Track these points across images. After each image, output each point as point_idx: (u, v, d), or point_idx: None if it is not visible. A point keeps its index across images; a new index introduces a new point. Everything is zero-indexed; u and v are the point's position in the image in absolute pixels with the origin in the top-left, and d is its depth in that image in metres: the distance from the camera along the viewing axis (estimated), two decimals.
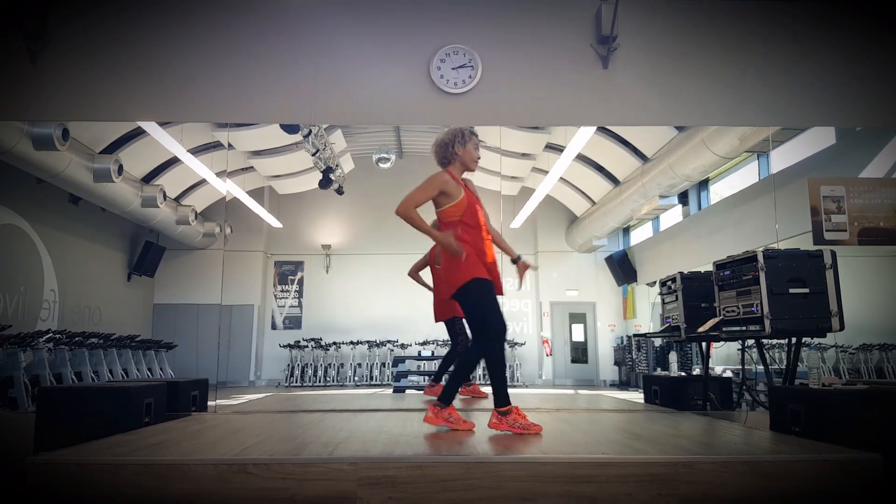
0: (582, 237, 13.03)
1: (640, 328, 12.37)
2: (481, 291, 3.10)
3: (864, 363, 7.01)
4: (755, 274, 3.71)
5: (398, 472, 2.21)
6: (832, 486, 2.25)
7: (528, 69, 4.84)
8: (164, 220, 11.24)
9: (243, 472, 2.19)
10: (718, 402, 4.64)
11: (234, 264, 13.17)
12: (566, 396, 6.64)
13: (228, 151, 10.47)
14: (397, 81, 4.81)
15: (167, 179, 10.76)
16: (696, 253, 9.41)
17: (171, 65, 4.75)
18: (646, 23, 4.89)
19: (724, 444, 2.79)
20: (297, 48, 4.82)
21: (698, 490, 2.22)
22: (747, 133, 6.96)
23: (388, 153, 11.24)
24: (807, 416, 2.97)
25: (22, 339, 7.23)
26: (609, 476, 2.22)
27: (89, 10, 4.78)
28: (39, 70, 4.68)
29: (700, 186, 10.32)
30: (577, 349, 13.64)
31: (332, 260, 13.70)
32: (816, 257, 3.69)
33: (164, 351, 11.06)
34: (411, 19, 4.92)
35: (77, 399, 3.47)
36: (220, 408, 4.66)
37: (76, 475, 2.19)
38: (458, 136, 3.27)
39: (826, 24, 4.90)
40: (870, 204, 4.78)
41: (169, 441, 2.73)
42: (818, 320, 3.61)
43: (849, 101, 4.83)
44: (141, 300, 12.65)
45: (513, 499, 2.19)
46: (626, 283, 13.05)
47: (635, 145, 9.83)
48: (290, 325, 13.54)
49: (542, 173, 10.76)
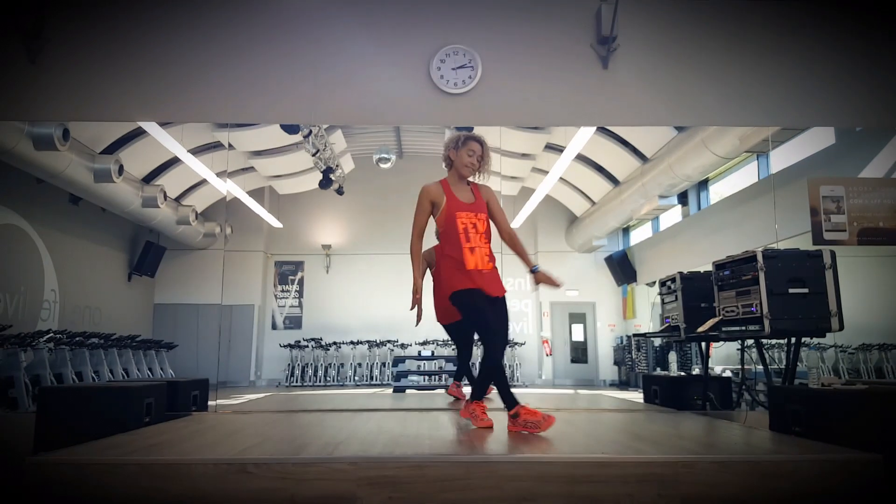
0: (582, 237, 13.03)
1: (639, 328, 12.37)
2: (463, 302, 3.17)
3: (864, 363, 7.00)
4: (755, 274, 3.71)
5: (398, 472, 2.21)
6: (832, 486, 2.25)
7: (528, 69, 4.84)
8: (165, 221, 11.25)
9: (243, 472, 2.19)
10: (718, 401, 4.64)
11: (234, 264, 13.17)
12: (566, 396, 6.65)
13: (229, 152, 10.46)
14: (397, 82, 4.81)
15: (167, 179, 10.76)
16: (695, 253, 9.41)
17: (171, 65, 4.76)
18: (646, 23, 4.89)
19: (725, 444, 2.79)
20: (298, 49, 4.83)
21: (698, 490, 2.22)
22: (747, 133, 6.95)
23: (388, 153, 11.24)
24: (806, 416, 2.97)
25: (22, 339, 7.22)
26: (609, 476, 2.22)
27: (88, 9, 4.78)
28: (39, 70, 4.67)
29: (700, 186, 10.33)
30: (576, 349, 13.64)
31: (332, 260, 13.70)
32: (816, 257, 3.69)
33: (164, 351, 11.06)
34: (411, 19, 4.92)
35: (77, 399, 3.48)
36: (221, 408, 4.66)
37: (76, 475, 2.19)
38: (453, 141, 3.31)
39: (826, 24, 4.90)
40: (869, 204, 4.78)
41: (169, 441, 2.73)
42: (817, 320, 3.61)
43: (848, 102, 4.83)
44: (141, 300, 12.65)
45: (513, 499, 2.19)
46: (625, 283, 13.05)
47: (635, 145, 9.83)
48: (290, 325, 13.54)
49: (542, 173, 10.76)
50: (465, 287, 3.13)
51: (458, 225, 3.18)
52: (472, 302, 3.14)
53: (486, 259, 3.21)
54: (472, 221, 3.23)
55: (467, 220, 3.21)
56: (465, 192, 3.32)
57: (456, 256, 3.17)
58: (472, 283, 3.13)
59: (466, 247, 3.17)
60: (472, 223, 3.22)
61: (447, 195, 3.24)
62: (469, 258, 3.16)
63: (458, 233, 3.18)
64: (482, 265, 3.18)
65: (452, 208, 3.21)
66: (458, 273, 3.16)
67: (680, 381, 4.76)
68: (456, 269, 3.17)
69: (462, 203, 3.26)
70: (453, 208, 3.21)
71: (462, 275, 3.15)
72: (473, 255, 3.17)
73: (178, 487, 2.18)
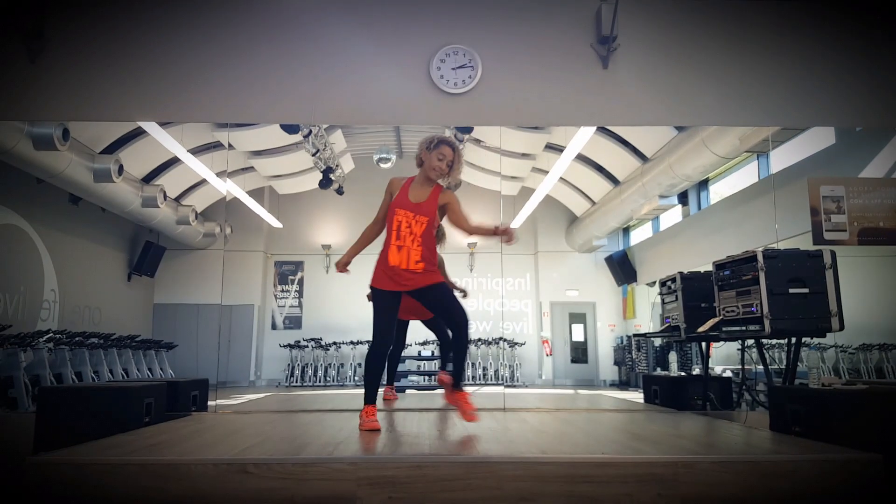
0: (582, 237, 13.03)
1: (640, 328, 12.37)
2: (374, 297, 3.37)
3: (864, 363, 7.00)
4: (755, 274, 3.71)
5: (398, 472, 2.21)
6: (832, 486, 2.25)
7: (528, 69, 4.84)
8: (165, 220, 11.26)
9: (243, 472, 2.19)
10: (718, 402, 4.65)
11: (234, 264, 13.17)
12: (566, 396, 6.65)
13: (228, 152, 10.45)
14: (397, 82, 4.81)
15: (167, 179, 10.77)
16: (695, 253, 9.41)
17: (171, 65, 4.76)
18: (646, 23, 4.89)
19: (725, 444, 2.79)
20: (298, 49, 4.83)
21: (698, 490, 2.22)
22: (747, 133, 6.94)
23: (388, 153, 11.24)
24: (807, 416, 2.97)
25: (22, 339, 7.22)
26: (609, 476, 2.22)
27: (88, 9, 4.78)
28: (39, 70, 4.67)
29: (700, 186, 10.33)
30: (577, 349, 13.65)
31: (332, 260, 13.70)
32: (816, 257, 3.69)
33: (164, 351, 11.06)
34: (411, 19, 4.92)
35: (77, 399, 3.48)
36: (220, 408, 4.66)
37: (76, 475, 2.19)
38: (426, 142, 3.37)
39: (826, 24, 4.90)
40: (869, 204, 4.77)
41: (169, 441, 2.73)
42: (818, 320, 3.61)
43: (848, 102, 4.83)
44: (141, 300, 12.66)
45: (513, 499, 2.19)
46: (625, 283, 13.05)
47: (635, 145, 9.83)
48: (290, 325, 13.55)
49: (542, 173, 10.76)
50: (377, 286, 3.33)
51: (394, 221, 3.30)
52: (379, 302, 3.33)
53: (414, 261, 3.27)
54: (409, 221, 3.29)
55: (403, 219, 3.29)
56: (420, 193, 3.36)
57: (384, 251, 3.34)
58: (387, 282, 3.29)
59: (395, 244, 3.28)
60: (407, 222, 3.29)
61: (399, 191, 3.37)
62: (394, 255, 3.28)
63: (392, 229, 3.31)
64: (407, 265, 3.27)
65: (394, 204, 3.34)
66: (380, 267, 3.33)
67: (680, 382, 4.76)
68: (380, 263, 3.35)
69: (407, 201, 3.33)
70: (394, 204, 3.33)
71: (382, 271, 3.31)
72: (399, 254, 3.27)
73: (177, 487, 2.18)
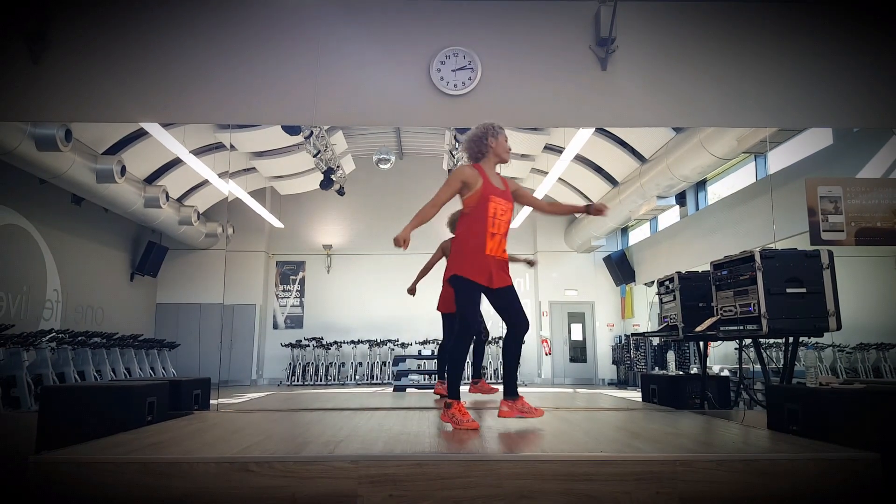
0: (581, 237, 13.05)
1: (638, 328, 12.39)
2: (460, 288, 3.23)
3: (862, 362, 7.02)
4: (752, 274, 3.72)
5: (398, 471, 2.23)
6: (830, 484, 2.26)
7: (528, 71, 4.86)
8: (167, 221, 11.27)
9: (245, 471, 2.21)
10: (716, 400, 4.66)
11: (236, 264, 13.20)
12: (565, 395, 6.66)
13: (230, 152, 10.49)
14: (398, 83, 4.83)
15: (170, 180, 10.79)
16: (693, 253, 9.43)
17: (173, 66, 4.78)
18: (644, 25, 4.92)
19: (722, 443, 2.81)
20: (299, 51, 4.85)
21: (696, 488, 2.24)
22: (745, 134, 6.97)
23: (388, 154, 11.26)
24: (804, 415, 2.99)
25: (25, 339, 7.25)
26: (608, 474, 2.24)
27: (91, 11, 4.81)
28: (41, 71, 4.70)
29: (698, 187, 10.34)
30: (575, 348, 13.67)
31: (333, 260, 13.72)
32: (814, 257, 3.70)
33: (166, 350, 11.08)
34: (411, 21, 4.95)
35: (80, 398, 3.48)
36: (222, 406, 4.68)
37: (78, 474, 2.21)
38: (490, 129, 3.36)
39: (824, 25, 4.92)
40: (867, 204, 4.79)
41: (171, 440, 2.75)
42: (815, 320, 3.62)
43: (846, 103, 4.85)
44: (144, 300, 12.68)
45: (512, 497, 2.21)
46: (624, 283, 13.07)
47: (633, 146, 9.85)
48: (291, 325, 13.57)
49: (541, 174, 10.78)
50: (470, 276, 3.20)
51: (490, 208, 3.25)
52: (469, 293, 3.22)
53: (503, 249, 3.32)
54: (502, 209, 3.31)
55: (497, 207, 3.28)
56: (497, 181, 3.40)
57: (477, 239, 3.23)
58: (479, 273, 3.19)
59: (490, 231, 3.24)
60: (501, 210, 3.30)
61: (483, 179, 3.29)
62: (489, 243, 3.24)
63: (488, 216, 3.24)
64: (498, 253, 3.27)
65: (488, 191, 3.26)
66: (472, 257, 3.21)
67: (678, 381, 4.77)
68: (470, 253, 3.22)
69: (497, 189, 3.33)
70: (488, 191, 3.27)
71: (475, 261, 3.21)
72: (493, 241, 3.25)
73: (180, 486, 2.20)
